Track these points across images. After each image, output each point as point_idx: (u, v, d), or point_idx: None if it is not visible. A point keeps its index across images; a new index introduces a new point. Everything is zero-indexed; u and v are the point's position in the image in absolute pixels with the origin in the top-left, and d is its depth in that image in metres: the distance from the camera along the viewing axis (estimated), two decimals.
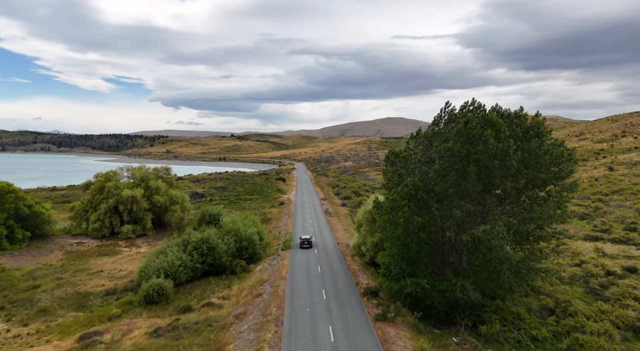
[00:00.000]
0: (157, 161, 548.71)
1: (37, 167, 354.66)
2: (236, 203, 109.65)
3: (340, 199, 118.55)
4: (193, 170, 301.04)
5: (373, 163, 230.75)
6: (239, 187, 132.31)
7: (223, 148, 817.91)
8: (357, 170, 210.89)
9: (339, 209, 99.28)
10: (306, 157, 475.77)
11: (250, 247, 52.70)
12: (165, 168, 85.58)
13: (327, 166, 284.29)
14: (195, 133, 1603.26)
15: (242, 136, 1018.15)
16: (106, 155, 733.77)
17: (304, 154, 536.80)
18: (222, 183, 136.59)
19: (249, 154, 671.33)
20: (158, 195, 77.17)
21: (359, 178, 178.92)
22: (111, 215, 73.22)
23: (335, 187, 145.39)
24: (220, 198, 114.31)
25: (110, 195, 73.85)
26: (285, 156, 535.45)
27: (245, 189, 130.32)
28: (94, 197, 75.30)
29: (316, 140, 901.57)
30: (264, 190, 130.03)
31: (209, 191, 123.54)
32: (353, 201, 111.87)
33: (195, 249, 48.60)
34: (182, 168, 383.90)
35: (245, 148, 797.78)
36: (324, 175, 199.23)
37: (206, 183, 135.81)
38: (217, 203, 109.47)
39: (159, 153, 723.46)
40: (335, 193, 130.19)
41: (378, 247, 45.92)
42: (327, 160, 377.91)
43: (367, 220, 48.85)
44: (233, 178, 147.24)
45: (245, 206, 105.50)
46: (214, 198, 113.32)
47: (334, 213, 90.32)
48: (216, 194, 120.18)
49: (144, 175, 78.57)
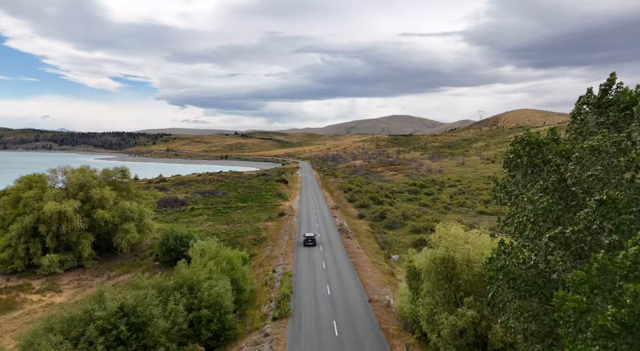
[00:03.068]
0: (157, 160, 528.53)
1: (29, 165, 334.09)
2: (224, 213, 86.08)
3: (355, 207, 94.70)
4: (189, 169, 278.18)
5: (386, 162, 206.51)
6: (231, 192, 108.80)
7: (226, 146, 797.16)
8: (369, 170, 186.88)
9: (357, 224, 75.34)
10: (311, 155, 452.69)
11: (216, 319, 28.93)
12: (120, 169, 61.94)
13: (334, 165, 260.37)
14: (200, 132, 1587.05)
15: (246, 134, 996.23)
16: (107, 153, 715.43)
17: (308, 152, 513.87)
18: (210, 186, 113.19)
19: (253, 152, 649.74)
20: (103, 210, 53.66)
21: (373, 179, 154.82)
22: (28, 240, 49.79)
23: (347, 190, 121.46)
24: (205, 207, 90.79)
25: (28, 210, 50.39)
26: (290, 154, 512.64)
27: (238, 194, 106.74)
28: (6, 212, 51.92)
29: (321, 138, 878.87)
30: (261, 196, 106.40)
31: (193, 197, 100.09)
32: (372, 211, 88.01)
33: (103, 333, 24.94)
34: (178, 167, 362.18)
35: (248, 146, 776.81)
36: (332, 175, 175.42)
37: (192, 186, 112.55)
38: (200, 213, 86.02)
39: (160, 151, 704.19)
40: (348, 199, 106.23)
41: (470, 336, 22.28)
42: (333, 158, 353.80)
43: (438, 277, 24.99)
44: (226, 180, 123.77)
45: (235, 217, 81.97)
46: (197, 207, 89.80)
47: (351, 230, 66.46)
48: (201, 201, 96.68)
49: (84, 180, 54.90)
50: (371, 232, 67.92)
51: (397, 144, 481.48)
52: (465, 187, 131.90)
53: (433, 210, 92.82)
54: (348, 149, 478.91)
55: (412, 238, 65.12)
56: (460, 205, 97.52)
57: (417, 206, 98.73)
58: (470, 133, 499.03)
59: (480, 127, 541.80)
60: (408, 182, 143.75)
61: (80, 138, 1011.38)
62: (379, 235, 65.92)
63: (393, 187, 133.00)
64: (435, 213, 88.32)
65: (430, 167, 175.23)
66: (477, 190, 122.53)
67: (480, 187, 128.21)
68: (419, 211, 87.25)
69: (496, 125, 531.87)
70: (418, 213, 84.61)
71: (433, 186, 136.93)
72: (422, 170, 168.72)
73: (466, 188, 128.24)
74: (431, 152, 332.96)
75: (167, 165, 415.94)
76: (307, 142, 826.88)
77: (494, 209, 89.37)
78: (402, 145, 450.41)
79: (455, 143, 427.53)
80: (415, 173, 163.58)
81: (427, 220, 73.91)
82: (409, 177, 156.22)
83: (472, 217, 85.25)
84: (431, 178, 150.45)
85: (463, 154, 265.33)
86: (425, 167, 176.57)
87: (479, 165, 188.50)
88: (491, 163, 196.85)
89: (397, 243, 63.11)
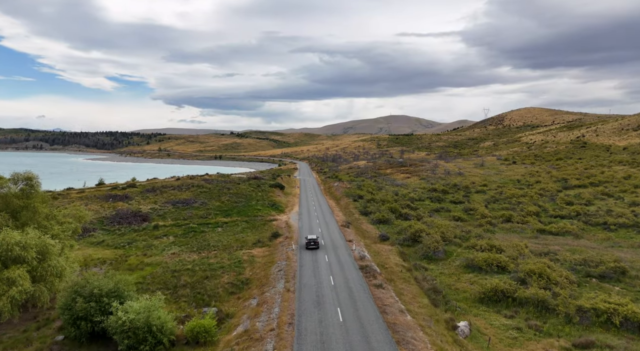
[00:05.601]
0: (149, 160, 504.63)
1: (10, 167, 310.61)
2: (198, 233, 63.80)
3: (372, 223, 72.53)
4: (177, 170, 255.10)
5: (395, 163, 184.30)
6: (213, 201, 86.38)
7: (221, 146, 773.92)
8: (377, 172, 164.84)
9: (382, 252, 53.00)
10: (309, 156, 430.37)
11: None
12: (25, 176, 39.57)
13: (335, 166, 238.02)
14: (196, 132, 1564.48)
15: (242, 134, 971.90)
16: (98, 154, 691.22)
17: (306, 152, 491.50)
18: (188, 194, 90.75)
19: (248, 152, 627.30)
20: None
21: (384, 183, 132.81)
22: None
23: (356, 198, 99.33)
24: (174, 223, 68.44)
25: None
26: (287, 154, 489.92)
27: (221, 204, 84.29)
28: None
29: (319, 138, 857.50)
30: (250, 206, 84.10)
31: (162, 209, 77.61)
32: (397, 229, 65.78)
33: None
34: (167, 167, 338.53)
35: (244, 146, 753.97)
36: (335, 178, 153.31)
37: (164, 194, 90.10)
38: (165, 233, 63.65)
39: (152, 151, 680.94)
40: (360, 210, 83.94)
41: None
42: (334, 158, 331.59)
43: None
44: (208, 185, 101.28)
45: (212, 240, 59.79)
46: (162, 225, 67.30)
47: (377, 266, 44.34)
48: (171, 214, 74.30)
49: None
50: (406, 269, 45.71)
51: (399, 144, 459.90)
52: (497, 193, 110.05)
53: (474, 227, 70.83)
54: (348, 149, 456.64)
55: (474, 280, 43.09)
56: (506, 220, 75.51)
57: (450, 220, 76.76)
58: (475, 133, 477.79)
59: (486, 126, 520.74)
60: (426, 187, 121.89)
61: (72, 138, 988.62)
62: (419, 274, 43.85)
63: (410, 193, 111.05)
64: (479, 231, 66.33)
65: (448, 168, 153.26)
66: (513, 198, 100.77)
67: (515, 194, 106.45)
68: (460, 229, 65.23)
69: (502, 124, 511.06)
70: (460, 233, 62.59)
71: (457, 191, 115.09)
72: (438, 173, 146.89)
73: (499, 195, 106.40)
74: (437, 151, 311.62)
75: (158, 165, 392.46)
76: (304, 141, 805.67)
77: (558, 227, 67.28)
78: (405, 145, 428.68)
79: (461, 142, 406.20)
80: (431, 175, 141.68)
81: (483, 248, 51.86)
82: (425, 181, 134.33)
83: (531, 238, 63.26)
84: (452, 181, 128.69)
85: (476, 154, 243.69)
86: (442, 168, 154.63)
87: (500, 166, 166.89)
88: (512, 165, 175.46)
89: (451, 290, 41.06)
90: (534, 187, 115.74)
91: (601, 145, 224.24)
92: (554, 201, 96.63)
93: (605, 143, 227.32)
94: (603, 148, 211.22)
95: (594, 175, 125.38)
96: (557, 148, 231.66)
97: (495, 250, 50.01)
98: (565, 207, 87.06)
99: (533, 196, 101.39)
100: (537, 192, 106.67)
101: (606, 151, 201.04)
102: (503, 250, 50.02)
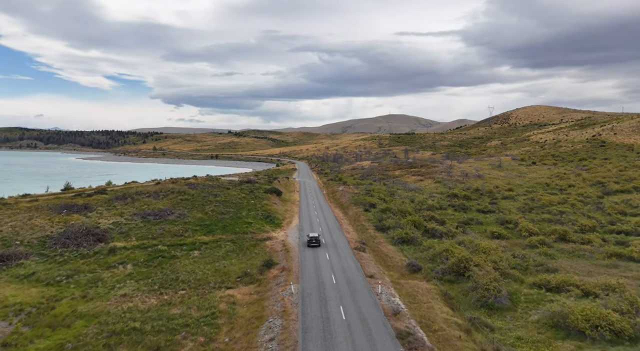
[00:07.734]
0: (144, 159, 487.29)
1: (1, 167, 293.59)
2: (167, 259, 48.13)
3: (393, 243, 56.92)
4: (171, 170, 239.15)
5: (404, 164, 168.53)
6: (195, 211, 70.62)
7: (219, 145, 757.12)
8: (385, 174, 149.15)
9: (418, 294, 37.41)
10: (308, 155, 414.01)
11: None
12: None
13: (337, 166, 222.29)
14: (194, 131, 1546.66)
15: (239, 132, 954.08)
16: (93, 153, 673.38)
17: (305, 151, 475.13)
18: (165, 202, 75.01)
19: (246, 151, 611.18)
20: None
21: (395, 187, 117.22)
22: None
23: (368, 207, 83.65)
24: (138, 244, 52.67)
25: None
26: (285, 154, 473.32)
27: (203, 217, 68.46)
28: None
29: (318, 137, 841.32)
30: (239, 219, 68.34)
31: (128, 223, 61.75)
32: (429, 255, 50.26)
33: None
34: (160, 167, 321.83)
35: (242, 145, 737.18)
36: (338, 180, 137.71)
37: (136, 202, 74.38)
38: (122, 260, 47.90)
39: (147, 150, 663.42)
40: (376, 224, 68.02)
41: None
42: (334, 158, 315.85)
43: None
44: (192, 191, 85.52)
45: (183, 272, 44.19)
46: (122, 247, 51.51)
47: (421, 327, 28.96)
48: (136, 231, 58.47)
49: None
50: (462, 329, 30.11)
51: (401, 143, 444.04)
52: (528, 199, 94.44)
53: (524, 249, 55.22)
54: (349, 148, 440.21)
55: None
56: (560, 238, 59.93)
57: (489, 238, 61.27)
58: (480, 131, 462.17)
59: (491, 125, 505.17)
60: (444, 192, 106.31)
61: (67, 137, 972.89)
62: (484, 339, 28.27)
63: (428, 200, 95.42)
64: (536, 256, 50.72)
65: (466, 170, 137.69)
66: (552, 206, 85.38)
67: (552, 200, 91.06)
68: (508, 252, 49.63)
69: (507, 122, 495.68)
70: (514, 260, 47.01)
71: (480, 197, 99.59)
72: (454, 175, 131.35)
73: (532, 202, 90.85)
74: (443, 151, 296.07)
75: (152, 165, 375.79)
76: (303, 140, 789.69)
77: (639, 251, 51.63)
78: (407, 144, 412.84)
79: (467, 141, 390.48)
80: (447, 178, 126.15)
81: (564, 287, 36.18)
82: (441, 184, 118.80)
83: (609, 266, 47.64)
84: (472, 185, 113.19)
85: (487, 154, 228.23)
86: (458, 170, 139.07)
87: (519, 168, 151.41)
88: (532, 165, 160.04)
89: None
90: (570, 192, 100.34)
91: (622, 144, 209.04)
92: (602, 210, 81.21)
93: (627, 142, 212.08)
94: (626, 148, 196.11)
95: (634, 178, 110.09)
96: (573, 148, 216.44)
97: (589, 295, 34.38)
98: (623, 218, 71.77)
99: (575, 204, 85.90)
100: (577, 199, 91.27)
101: (631, 150, 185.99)
102: (597, 294, 34.51)
